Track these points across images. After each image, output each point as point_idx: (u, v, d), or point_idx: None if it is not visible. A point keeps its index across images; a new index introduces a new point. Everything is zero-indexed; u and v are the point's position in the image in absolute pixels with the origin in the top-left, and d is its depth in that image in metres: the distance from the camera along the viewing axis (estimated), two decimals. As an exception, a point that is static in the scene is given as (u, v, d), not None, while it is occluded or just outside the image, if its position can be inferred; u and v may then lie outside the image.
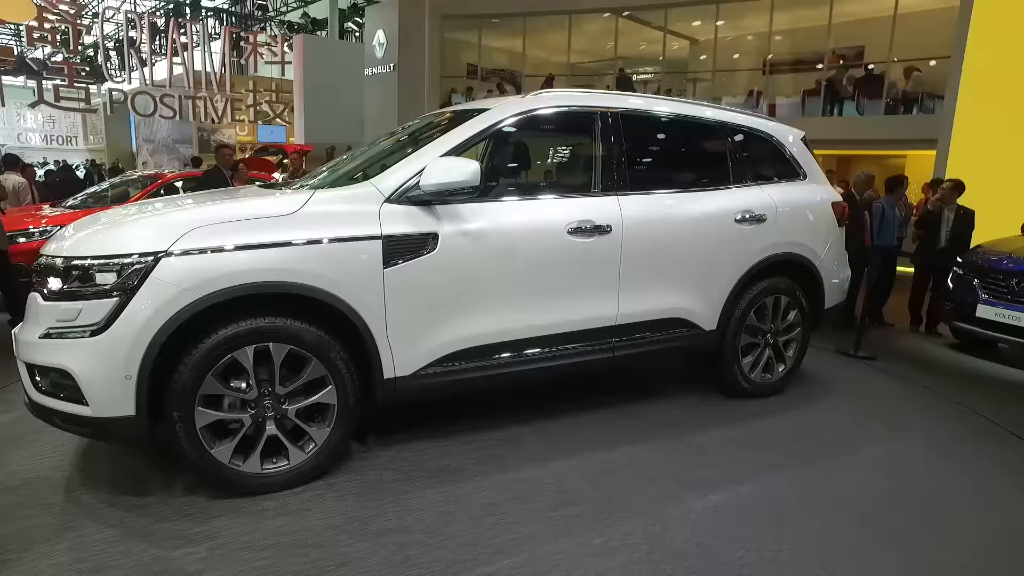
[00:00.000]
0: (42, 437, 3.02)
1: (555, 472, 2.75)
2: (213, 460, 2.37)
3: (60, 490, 2.54)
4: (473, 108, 3.05)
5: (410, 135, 3.43)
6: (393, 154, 3.16)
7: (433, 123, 3.36)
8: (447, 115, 3.31)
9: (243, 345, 2.34)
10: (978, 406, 3.94)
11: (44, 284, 2.32)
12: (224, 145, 6.62)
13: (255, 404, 2.42)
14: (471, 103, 3.31)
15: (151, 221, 2.35)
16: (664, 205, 3.24)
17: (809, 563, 2.20)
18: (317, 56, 17.77)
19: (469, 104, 3.29)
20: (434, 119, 3.46)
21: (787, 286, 3.67)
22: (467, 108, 3.14)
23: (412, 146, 3.26)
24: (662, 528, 2.37)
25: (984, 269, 5.54)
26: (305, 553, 2.14)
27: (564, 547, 2.23)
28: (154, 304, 2.19)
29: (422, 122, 3.54)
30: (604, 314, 3.07)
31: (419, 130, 3.39)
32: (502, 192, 2.81)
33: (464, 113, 3.02)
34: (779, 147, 3.77)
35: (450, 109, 3.51)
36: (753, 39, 15.13)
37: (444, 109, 3.70)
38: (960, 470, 3.05)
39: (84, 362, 2.19)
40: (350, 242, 2.46)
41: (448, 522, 2.35)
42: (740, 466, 2.89)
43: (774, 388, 3.79)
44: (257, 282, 2.31)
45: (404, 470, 2.73)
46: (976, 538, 2.46)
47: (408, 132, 3.50)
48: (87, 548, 2.15)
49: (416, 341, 2.64)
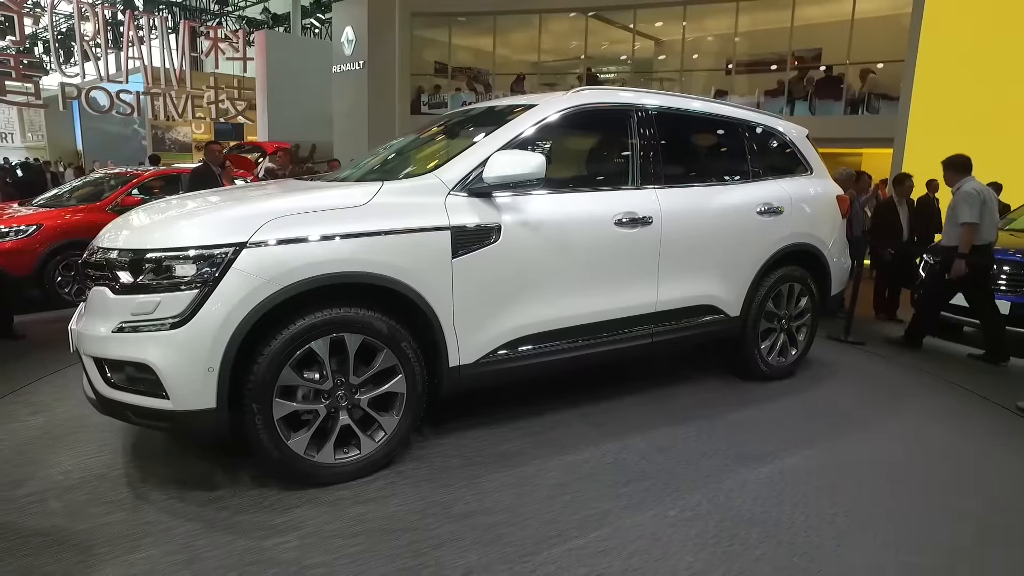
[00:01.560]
0: (81, 437, 2.97)
1: (610, 452, 2.87)
2: (289, 451, 2.38)
3: (123, 487, 2.50)
4: (519, 103, 3.13)
5: (445, 130, 3.48)
6: (435, 149, 3.21)
7: (473, 117, 3.42)
8: (486, 109, 3.38)
9: (320, 335, 2.36)
10: (968, 383, 4.25)
11: (110, 278, 2.29)
12: (214, 142, 6.47)
13: (329, 394, 2.44)
14: (515, 98, 3.37)
15: (227, 212, 2.35)
16: (696, 197, 3.40)
17: (864, 523, 2.38)
18: (280, 53, 17.43)
19: (513, 99, 3.35)
20: (472, 113, 3.52)
21: (800, 274, 3.89)
22: (512, 103, 3.22)
23: (454, 140, 3.34)
24: (726, 499, 2.51)
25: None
26: (397, 537, 2.19)
27: (642, 519, 2.34)
28: (237, 296, 2.19)
29: (456, 117, 3.60)
30: (645, 301, 3.20)
31: (456, 124, 3.45)
32: (552, 185, 2.90)
33: (511, 108, 3.10)
34: (790, 144, 3.99)
35: (490, 104, 3.57)
36: (717, 40, 15.62)
37: (480, 104, 3.75)
38: (963, 439, 3.31)
39: (165, 355, 2.17)
40: (422, 232, 2.51)
41: (525, 502, 2.43)
42: (777, 441, 3.07)
43: (787, 371, 4.01)
44: (336, 272, 2.34)
45: (467, 456, 2.79)
46: (987, 494, 2.69)
47: (442, 128, 3.55)
48: (172, 541, 2.15)
49: (479, 330, 2.71)
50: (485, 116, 3.33)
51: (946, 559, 2.21)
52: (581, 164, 3.43)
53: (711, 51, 16.19)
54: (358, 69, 14.80)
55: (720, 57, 15.45)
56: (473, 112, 3.54)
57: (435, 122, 3.71)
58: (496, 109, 3.27)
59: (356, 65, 14.83)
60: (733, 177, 3.66)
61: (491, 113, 3.28)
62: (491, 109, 3.38)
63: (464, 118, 3.51)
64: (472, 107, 3.69)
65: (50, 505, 2.38)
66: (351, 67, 14.95)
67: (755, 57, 14.92)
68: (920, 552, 2.23)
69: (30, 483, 2.54)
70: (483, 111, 3.48)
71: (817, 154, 4.17)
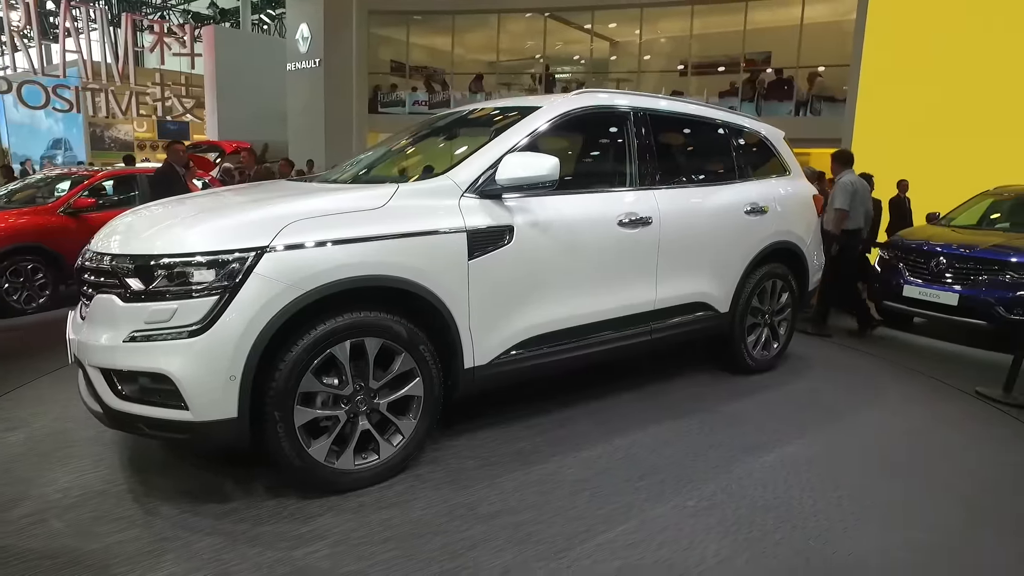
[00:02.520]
0: (72, 453, 2.83)
1: (620, 448, 2.93)
2: (310, 459, 2.34)
3: (129, 503, 2.40)
4: (522, 105, 3.15)
5: (444, 131, 3.48)
6: (438, 150, 3.20)
7: (474, 118, 3.43)
8: (487, 109, 3.39)
9: (340, 340, 2.33)
10: (927, 371, 4.53)
11: (119, 285, 2.20)
12: (176, 141, 6.21)
13: (348, 400, 2.41)
14: (518, 99, 3.39)
15: (245, 215, 2.28)
16: (690, 198, 3.51)
17: (866, 505, 2.52)
18: (230, 49, 16.88)
19: (516, 100, 3.36)
20: (472, 114, 3.53)
21: (782, 271, 4.05)
22: (514, 105, 3.24)
23: (457, 141, 3.34)
24: (738, 487, 2.61)
25: (908, 254, 6.29)
26: (429, 540, 2.18)
27: (663, 511, 2.41)
28: (259, 301, 2.14)
29: (454, 117, 3.59)
30: (646, 299, 3.28)
31: (455, 125, 3.45)
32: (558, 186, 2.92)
33: (514, 109, 3.12)
34: (770, 145, 4.16)
35: (490, 104, 3.57)
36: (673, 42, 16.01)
37: (478, 104, 3.75)
38: (936, 423, 3.52)
39: (184, 364, 2.10)
40: (440, 235, 2.50)
41: (549, 500, 2.46)
42: (771, 431, 3.20)
43: (770, 364, 4.18)
44: (358, 276, 2.31)
45: (483, 457, 2.80)
46: (970, 475, 2.88)
47: (440, 128, 3.54)
48: (197, 557, 2.08)
49: (493, 331, 2.72)
50: (487, 117, 3.34)
51: (943, 536, 2.36)
52: (583, 165, 3.49)
53: (665, 52, 16.59)
54: (314, 67, 14.50)
55: (675, 58, 15.85)
56: (473, 113, 3.54)
57: (430, 122, 3.69)
58: (498, 110, 3.28)
59: (312, 63, 14.51)
60: (722, 178, 3.79)
61: (493, 114, 3.29)
62: (493, 110, 3.39)
63: (464, 119, 3.51)
64: (471, 107, 3.69)
65: (52, 525, 2.27)
66: (306, 65, 14.62)
67: (708, 59, 15.40)
68: (920, 529, 2.37)
69: (24, 503, 2.41)
70: (483, 112, 3.49)
71: (793, 155, 4.36)
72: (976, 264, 5.60)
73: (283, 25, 24.23)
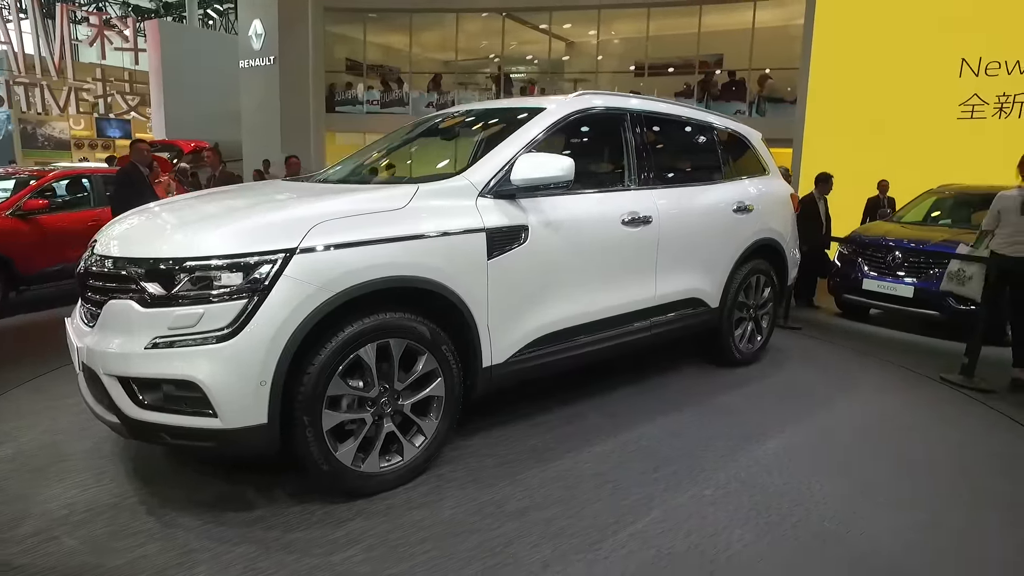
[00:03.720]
0: (68, 466, 2.71)
1: (630, 441, 3.01)
2: (338, 463, 2.31)
3: (144, 516, 2.32)
4: (527, 106, 3.18)
5: (444, 131, 3.48)
6: (443, 150, 3.21)
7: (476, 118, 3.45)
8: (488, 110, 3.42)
9: (367, 342, 2.31)
10: (893, 358, 4.81)
11: (136, 290, 2.12)
12: (140, 140, 5.94)
13: (374, 402, 2.39)
14: (523, 100, 3.41)
15: (271, 216, 2.24)
16: (685, 197, 3.62)
17: (868, 486, 2.67)
18: (177, 45, 16.21)
19: (517, 102, 3.39)
20: (473, 114, 3.55)
21: (764, 267, 4.23)
22: (518, 106, 3.27)
23: (461, 141, 3.35)
24: (747, 475, 2.72)
25: (866, 249, 6.64)
26: (464, 539, 2.20)
27: (683, 500, 2.50)
28: (290, 304, 2.11)
29: (453, 117, 3.60)
30: (647, 295, 3.37)
31: (456, 125, 3.45)
32: (565, 186, 2.98)
33: (519, 110, 3.15)
34: (751, 146, 4.33)
35: (489, 105, 3.58)
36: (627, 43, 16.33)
37: (478, 104, 3.76)
38: (910, 408, 3.75)
39: (213, 370, 2.05)
40: (461, 235, 2.51)
41: (573, 494, 2.51)
42: (770, 419, 3.35)
43: (754, 357, 4.35)
44: (385, 276, 2.30)
45: (500, 455, 2.83)
46: (950, 455, 3.10)
47: (439, 128, 3.54)
48: (231, 567, 2.03)
49: (509, 329, 2.75)
50: (490, 118, 3.37)
51: (941, 513, 2.53)
52: (587, 165, 3.54)
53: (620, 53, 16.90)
54: (269, 64, 14.10)
55: (631, 59, 16.17)
56: (474, 113, 3.55)
57: (429, 121, 3.68)
58: (502, 111, 3.31)
59: (266, 60, 14.11)
60: (711, 178, 3.92)
61: (497, 115, 3.31)
62: (496, 111, 3.42)
63: (465, 119, 3.52)
64: (471, 107, 3.70)
65: (65, 543, 2.17)
66: (261, 62, 14.20)
67: (663, 60, 15.78)
68: (918, 507, 2.54)
69: (28, 521, 2.29)
70: (486, 112, 3.51)
71: (770, 155, 4.55)
72: (928, 258, 5.97)
73: (230, 20, 23.48)
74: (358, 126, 15.88)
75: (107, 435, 3.02)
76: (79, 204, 6.69)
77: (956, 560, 2.22)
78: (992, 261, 4.31)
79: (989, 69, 10.15)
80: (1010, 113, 10.06)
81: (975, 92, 10.23)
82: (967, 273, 4.81)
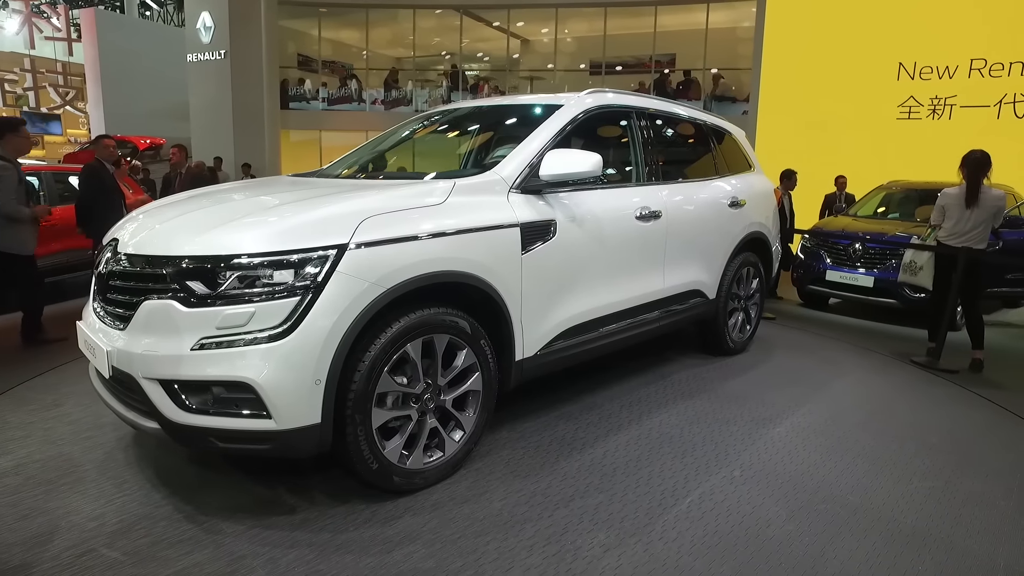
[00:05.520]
0: (83, 477, 2.59)
1: (653, 428, 3.10)
2: (386, 461, 2.30)
3: (183, 523, 2.24)
4: (543, 103, 3.21)
5: (456, 126, 3.48)
6: (460, 145, 3.21)
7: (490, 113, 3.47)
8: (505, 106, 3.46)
9: (414, 338, 2.30)
10: (869, 345, 5.11)
11: (178, 289, 2.05)
12: (106, 136, 5.62)
13: (418, 398, 2.38)
14: (534, 97, 3.43)
15: (317, 212, 2.19)
16: (687, 192, 3.74)
17: (877, 462, 2.85)
18: (116, 36, 15.36)
19: (531, 98, 3.41)
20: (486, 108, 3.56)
21: (753, 259, 4.42)
22: (532, 102, 3.30)
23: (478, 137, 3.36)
24: (768, 456, 2.86)
25: (828, 242, 7.00)
26: (521, 529, 2.22)
27: (716, 482, 2.60)
28: (344, 301, 2.08)
29: (461, 113, 3.60)
30: (657, 288, 3.47)
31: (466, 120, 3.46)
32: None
33: (533, 106, 3.19)
34: (739, 143, 4.51)
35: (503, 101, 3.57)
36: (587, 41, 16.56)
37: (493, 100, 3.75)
38: (896, 389, 4.01)
39: (268, 370, 1.99)
40: (498, 230, 2.53)
41: (612, 481, 2.57)
42: (772, 405, 3.50)
43: (744, 346, 4.53)
44: (432, 272, 2.30)
45: (532, 446, 2.86)
46: (938, 430, 3.34)
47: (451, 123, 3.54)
48: (290, 572, 1.99)
49: (540, 323, 2.79)
50: (503, 113, 3.39)
51: (942, 480, 2.72)
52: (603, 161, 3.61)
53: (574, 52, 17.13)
54: (219, 59, 13.57)
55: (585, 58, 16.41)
56: (486, 109, 3.57)
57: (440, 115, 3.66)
58: (517, 106, 3.35)
59: (217, 54, 13.58)
60: (707, 174, 4.06)
61: (514, 110, 3.34)
62: (511, 106, 3.44)
63: (480, 113, 3.54)
64: (480, 103, 3.72)
65: (106, 555, 2.07)
66: (211, 56, 13.66)
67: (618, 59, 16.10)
68: (929, 477, 2.73)
69: (59, 536, 2.17)
70: (501, 107, 3.52)
71: (753, 152, 4.74)
72: (886, 250, 6.35)
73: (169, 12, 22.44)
74: (314, 123, 15.52)
75: (116, 442, 2.89)
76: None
77: (973, 520, 2.40)
78: (938, 251, 4.66)
79: (923, 73, 10.84)
80: (942, 115, 10.79)
81: (911, 95, 10.92)
82: (918, 264, 5.17)
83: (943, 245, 4.59)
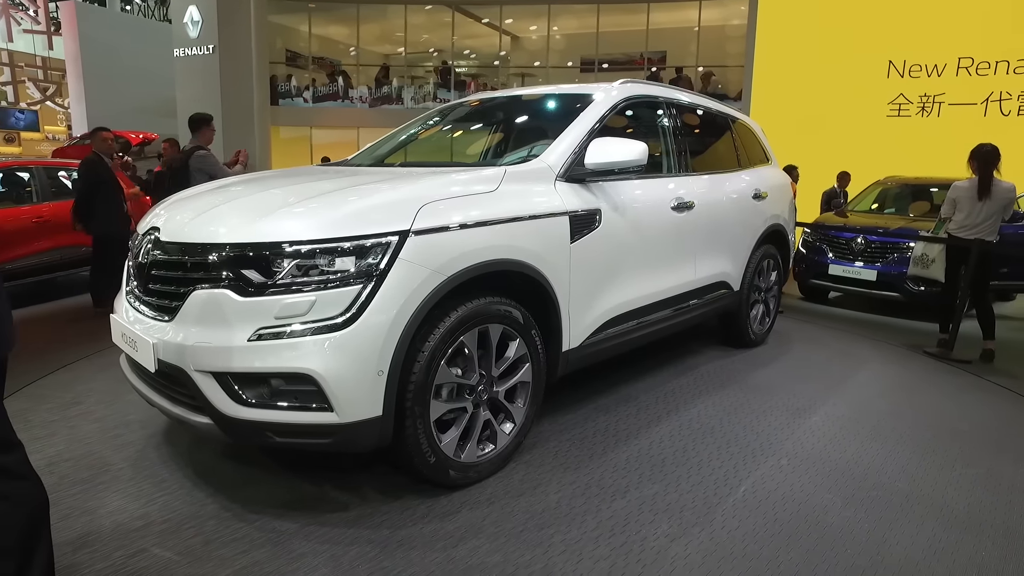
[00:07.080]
0: (118, 475, 2.52)
1: (693, 420, 3.08)
2: (442, 454, 2.24)
3: (234, 521, 2.17)
4: (579, 92, 3.17)
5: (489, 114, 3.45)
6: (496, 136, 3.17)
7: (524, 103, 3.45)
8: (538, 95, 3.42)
9: (470, 328, 2.25)
10: (879, 336, 5.16)
11: (233, 277, 1.97)
12: (102, 128, 5.46)
13: (472, 390, 2.33)
14: (571, 86, 3.39)
15: (375, 198, 2.12)
16: (716, 184, 3.73)
17: (916, 447, 2.86)
18: (98, 30, 14.99)
19: (561, 88, 3.36)
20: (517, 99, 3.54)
21: (773, 252, 4.43)
22: (564, 92, 3.27)
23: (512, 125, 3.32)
24: (811, 445, 2.86)
25: (831, 237, 7.07)
26: (583, 521, 2.19)
27: (766, 471, 2.59)
28: (407, 289, 2.02)
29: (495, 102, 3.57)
30: (689, 279, 3.46)
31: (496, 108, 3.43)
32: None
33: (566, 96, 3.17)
34: (757, 136, 4.51)
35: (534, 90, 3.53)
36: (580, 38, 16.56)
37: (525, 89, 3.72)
38: (917, 379, 4.05)
39: (330, 361, 1.93)
40: (549, 218, 2.50)
41: (664, 472, 2.55)
42: (802, 395, 3.51)
43: (764, 338, 4.55)
44: (490, 260, 2.25)
45: (576, 438, 2.83)
46: (962, 416, 3.37)
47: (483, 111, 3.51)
48: (355, 569, 1.93)
49: (585, 313, 2.75)
50: (542, 103, 3.36)
51: (984, 467, 2.74)
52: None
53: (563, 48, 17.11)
54: (207, 54, 13.29)
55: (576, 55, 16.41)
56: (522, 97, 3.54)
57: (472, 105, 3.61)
58: (551, 97, 3.31)
59: (205, 49, 13.30)
60: (732, 166, 4.06)
61: (548, 100, 3.31)
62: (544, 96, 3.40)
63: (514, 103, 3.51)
64: (516, 92, 3.68)
65: (159, 555, 1.99)
66: (199, 51, 13.37)
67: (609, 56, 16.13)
68: (970, 464, 2.75)
69: (104, 536, 2.09)
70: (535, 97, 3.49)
71: (769, 145, 4.76)
72: (889, 244, 6.43)
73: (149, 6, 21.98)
74: (304, 119, 15.30)
75: (146, 440, 2.81)
76: (21, 200, 6.09)
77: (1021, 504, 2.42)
78: (951, 243, 4.72)
79: (912, 71, 11.01)
80: (931, 112, 10.97)
81: (901, 92, 11.08)
82: (930, 257, 5.24)
83: (955, 237, 4.64)
